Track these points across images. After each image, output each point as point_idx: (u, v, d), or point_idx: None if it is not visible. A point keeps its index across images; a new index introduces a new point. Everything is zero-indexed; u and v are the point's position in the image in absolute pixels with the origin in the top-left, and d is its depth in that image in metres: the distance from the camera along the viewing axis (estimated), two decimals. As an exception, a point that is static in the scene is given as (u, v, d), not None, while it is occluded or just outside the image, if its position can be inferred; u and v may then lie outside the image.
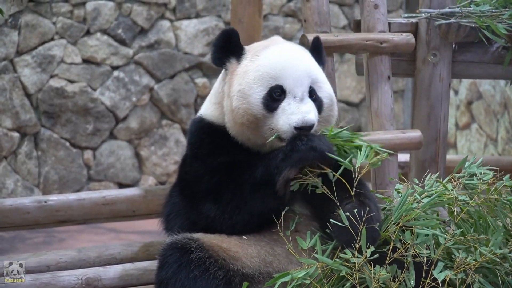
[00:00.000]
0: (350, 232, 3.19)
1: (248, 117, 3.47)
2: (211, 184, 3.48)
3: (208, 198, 3.48)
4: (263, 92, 3.46)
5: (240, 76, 3.54)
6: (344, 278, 3.20)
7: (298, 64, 3.51)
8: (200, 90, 8.69)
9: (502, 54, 4.75)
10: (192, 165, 3.62)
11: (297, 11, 9.10)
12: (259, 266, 3.39)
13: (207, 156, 3.56)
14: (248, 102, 3.47)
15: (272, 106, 3.45)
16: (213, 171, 3.51)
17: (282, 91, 3.46)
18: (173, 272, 3.33)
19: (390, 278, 3.18)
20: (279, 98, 3.45)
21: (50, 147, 8.13)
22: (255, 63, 3.54)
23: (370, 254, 3.16)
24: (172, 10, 8.60)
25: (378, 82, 4.51)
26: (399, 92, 9.60)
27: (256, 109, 3.46)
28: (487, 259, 3.22)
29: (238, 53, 3.61)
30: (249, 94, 3.47)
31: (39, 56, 8.06)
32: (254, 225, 3.45)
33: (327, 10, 4.47)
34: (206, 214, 3.48)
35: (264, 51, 3.58)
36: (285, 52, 3.58)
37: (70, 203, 5.37)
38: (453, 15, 4.63)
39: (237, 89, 3.51)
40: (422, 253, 3.20)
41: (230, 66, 3.61)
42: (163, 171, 8.59)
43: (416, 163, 4.73)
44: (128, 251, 4.59)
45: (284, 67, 3.48)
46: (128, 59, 8.41)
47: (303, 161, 3.30)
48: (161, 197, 5.35)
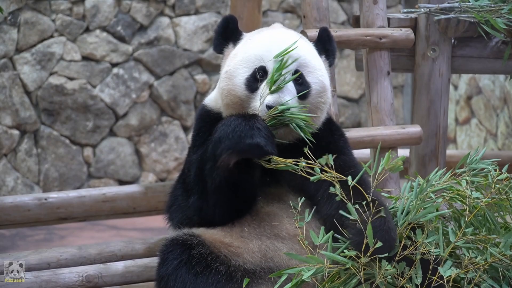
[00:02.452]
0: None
1: (231, 98, 3.49)
2: (194, 175, 3.50)
3: (194, 190, 3.50)
4: (247, 73, 3.48)
5: (231, 58, 3.58)
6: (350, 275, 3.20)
7: (285, 46, 3.47)
8: (200, 86, 8.69)
9: (501, 48, 4.75)
10: (189, 154, 3.66)
11: (296, 7, 9.09)
12: (260, 261, 3.39)
13: (199, 146, 3.57)
14: (232, 83, 3.50)
15: (254, 87, 3.45)
16: (196, 162, 3.52)
17: (264, 72, 3.46)
18: (173, 268, 3.34)
19: (397, 275, 3.17)
20: (262, 78, 3.45)
21: (50, 144, 8.13)
22: (246, 46, 3.57)
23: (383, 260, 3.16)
24: (171, 6, 8.59)
25: (377, 78, 4.51)
26: (398, 88, 9.60)
27: (239, 90, 3.47)
28: (496, 260, 3.21)
29: (235, 38, 3.65)
30: (234, 75, 3.50)
31: (38, 53, 8.06)
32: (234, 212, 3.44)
33: (326, 5, 4.47)
34: (193, 206, 3.50)
35: (257, 35, 3.62)
36: (275, 35, 3.59)
37: (70, 200, 5.38)
38: (452, 10, 4.63)
39: (225, 70, 3.56)
40: (431, 251, 3.19)
41: (226, 50, 3.66)
42: (163, 168, 8.60)
43: (416, 158, 4.73)
44: (128, 248, 4.60)
45: (269, 49, 3.48)
46: (127, 56, 8.41)
47: (237, 147, 3.26)
48: (162, 194, 5.38)
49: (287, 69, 3.42)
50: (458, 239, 3.24)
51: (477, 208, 3.33)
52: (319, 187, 3.41)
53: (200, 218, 3.49)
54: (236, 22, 3.65)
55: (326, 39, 3.75)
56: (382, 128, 4.44)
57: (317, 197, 3.44)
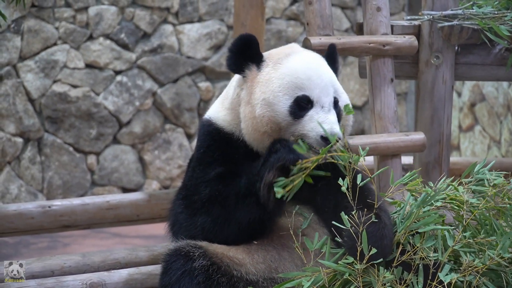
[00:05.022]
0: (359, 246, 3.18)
1: (271, 125, 3.46)
2: (205, 195, 3.48)
3: (202, 210, 3.48)
4: (289, 101, 3.46)
5: (263, 84, 3.51)
6: (348, 282, 3.20)
7: (322, 74, 3.51)
8: (203, 94, 8.69)
9: (505, 55, 4.75)
10: (195, 171, 3.62)
11: (299, 14, 9.10)
12: (263, 272, 3.40)
13: (209, 164, 3.55)
14: (273, 110, 3.45)
15: (299, 114, 3.45)
16: (209, 181, 3.51)
17: (309, 101, 3.46)
18: (176, 278, 3.35)
19: (396, 281, 3.18)
20: (306, 107, 3.45)
21: (53, 152, 8.14)
22: (278, 71, 3.52)
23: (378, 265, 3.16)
24: (174, 14, 8.60)
25: (381, 85, 4.51)
26: (402, 95, 9.60)
27: (281, 117, 3.45)
28: (494, 263, 3.21)
29: (258, 60, 3.59)
30: (274, 103, 3.46)
31: (42, 61, 8.07)
32: (246, 236, 3.45)
33: (330, 13, 4.47)
34: (201, 226, 3.48)
35: (286, 59, 3.57)
36: (307, 61, 3.57)
37: (74, 208, 5.38)
38: (456, 17, 4.63)
39: (261, 97, 3.48)
40: (430, 256, 3.20)
41: (249, 73, 3.58)
42: (166, 175, 8.60)
43: (419, 165, 4.73)
44: (132, 255, 4.59)
45: (309, 77, 3.48)
46: (131, 63, 8.42)
47: (279, 161, 3.27)
48: (165, 201, 5.37)
49: (329, 97, 3.48)
50: (456, 243, 3.24)
51: (474, 213, 3.34)
52: (325, 198, 3.44)
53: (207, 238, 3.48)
54: (258, 43, 3.60)
55: (335, 56, 3.76)
56: (386, 136, 4.44)
57: (324, 208, 3.46)
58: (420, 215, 3.28)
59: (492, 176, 3.46)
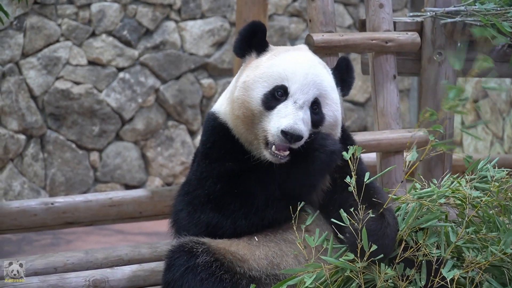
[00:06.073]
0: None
1: (244, 110, 3.46)
2: (213, 190, 3.48)
3: (208, 205, 3.48)
4: (266, 89, 3.44)
5: (251, 69, 3.53)
6: (350, 279, 3.20)
7: (310, 73, 3.47)
8: (206, 91, 8.69)
9: (507, 52, 4.75)
10: (200, 165, 3.60)
11: (302, 11, 9.09)
12: (266, 268, 3.40)
13: (216, 160, 3.53)
14: (248, 95, 3.46)
15: (270, 105, 3.41)
16: (218, 177, 3.49)
17: (284, 92, 3.42)
18: (180, 274, 3.34)
19: (398, 277, 3.18)
20: (280, 98, 3.41)
21: (56, 149, 8.14)
22: (270, 61, 3.52)
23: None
24: (177, 11, 8.60)
25: (383, 81, 4.51)
26: (404, 91, 9.59)
27: (253, 104, 3.44)
28: (497, 259, 3.21)
29: (261, 48, 3.60)
30: (252, 88, 3.46)
31: (44, 58, 8.07)
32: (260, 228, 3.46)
33: (332, 9, 4.47)
34: (207, 221, 3.47)
35: (284, 53, 3.57)
36: (302, 58, 3.55)
37: (77, 205, 5.39)
38: (458, 13, 4.63)
39: (243, 80, 3.51)
40: (433, 252, 3.20)
41: (248, 58, 3.61)
42: (169, 172, 8.60)
43: (422, 162, 4.72)
44: (135, 252, 4.60)
45: (295, 71, 3.45)
46: (133, 60, 8.42)
47: (329, 169, 3.36)
48: (168, 198, 5.38)
49: (307, 96, 3.42)
50: (458, 239, 3.24)
51: (477, 208, 3.33)
52: (330, 196, 3.46)
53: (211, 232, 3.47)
54: (265, 32, 3.60)
55: (344, 69, 3.72)
56: (388, 132, 4.44)
57: (329, 206, 3.46)
58: (423, 211, 3.28)
59: (494, 172, 3.46)
